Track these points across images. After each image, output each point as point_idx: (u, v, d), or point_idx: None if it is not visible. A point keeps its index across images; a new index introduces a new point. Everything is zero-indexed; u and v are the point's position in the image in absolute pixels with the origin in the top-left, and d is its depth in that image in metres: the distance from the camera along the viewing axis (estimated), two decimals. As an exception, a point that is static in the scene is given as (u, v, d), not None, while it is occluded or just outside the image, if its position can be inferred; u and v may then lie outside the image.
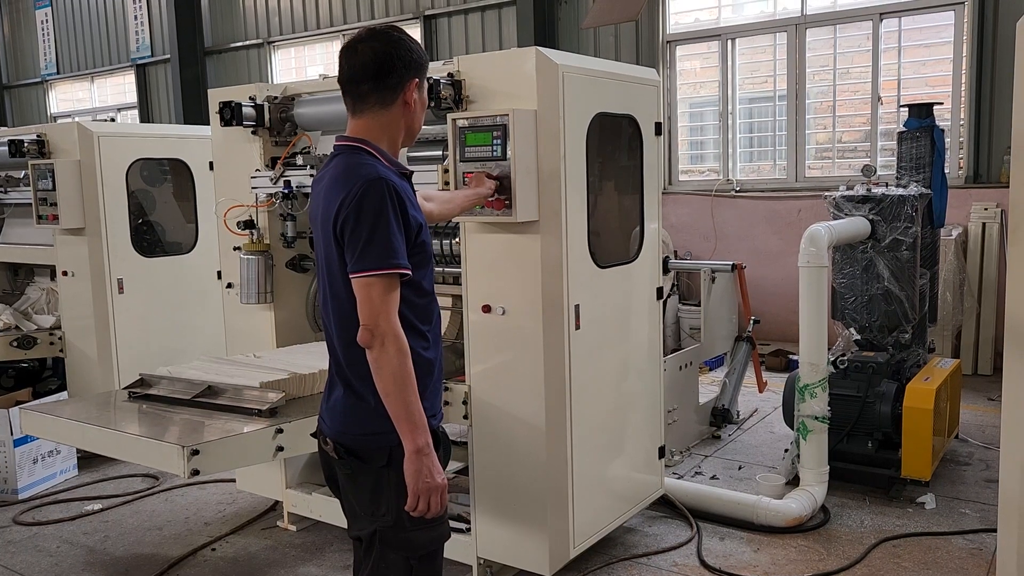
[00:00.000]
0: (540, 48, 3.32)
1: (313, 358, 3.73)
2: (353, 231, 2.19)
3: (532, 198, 3.31)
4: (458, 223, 3.51)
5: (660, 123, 4.04)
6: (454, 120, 3.33)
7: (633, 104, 3.88)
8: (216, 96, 4.24)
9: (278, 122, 4.18)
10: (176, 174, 6.02)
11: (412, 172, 2.46)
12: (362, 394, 2.32)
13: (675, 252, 8.35)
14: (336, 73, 2.40)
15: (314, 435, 2.53)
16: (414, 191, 2.44)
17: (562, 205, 3.37)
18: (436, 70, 3.48)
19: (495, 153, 3.24)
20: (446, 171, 3.42)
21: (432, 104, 3.38)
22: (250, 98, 4.12)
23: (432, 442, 2.25)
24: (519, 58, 3.35)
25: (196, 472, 2.79)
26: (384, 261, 2.17)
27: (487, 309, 3.46)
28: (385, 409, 2.22)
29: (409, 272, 2.23)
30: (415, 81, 2.35)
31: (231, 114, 4.03)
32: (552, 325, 3.41)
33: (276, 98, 4.17)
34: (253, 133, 4.20)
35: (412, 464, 2.21)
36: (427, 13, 10.37)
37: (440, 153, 3.72)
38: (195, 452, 2.77)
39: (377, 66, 2.30)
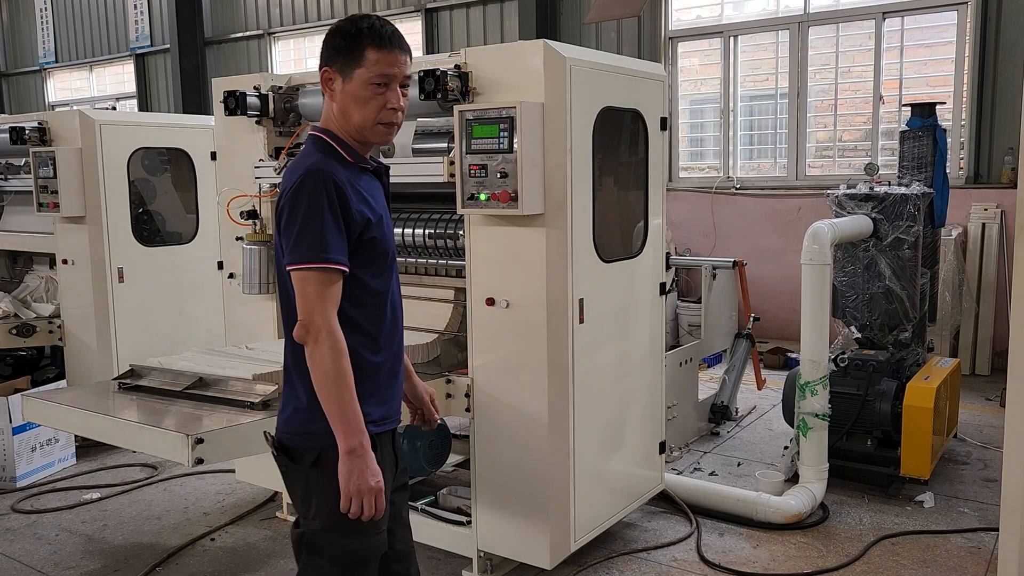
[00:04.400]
0: (548, 41, 3.32)
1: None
2: (287, 222, 2.15)
3: (538, 191, 3.31)
4: (462, 215, 3.50)
5: (666, 118, 4.04)
6: (461, 112, 3.32)
7: (639, 99, 3.88)
8: (220, 85, 4.22)
9: (282, 112, 4.17)
10: (177, 164, 6.00)
11: (378, 167, 2.39)
12: (297, 391, 2.27)
13: (674, 249, 8.35)
14: None
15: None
16: (386, 184, 2.40)
17: (567, 199, 3.36)
18: (442, 62, 3.47)
19: (501, 146, 3.23)
20: (452, 163, 3.41)
21: (439, 96, 3.38)
22: (254, 88, 4.10)
23: (370, 444, 2.16)
24: (527, 51, 3.34)
25: (200, 461, 2.77)
26: (315, 255, 2.11)
27: (491, 302, 3.46)
28: (318, 408, 2.16)
29: (344, 268, 2.15)
30: (327, 70, 2.27)
31: (235, 103, 4.02)
32: (556, 319, 3.41)
33: (280, 88, 4.16)
34: (257, 123, 4.19)
35: (345, 465, 2.14)
36: (429, 6, 10.35)
37: (446, 145, 3.71)
38: (199, 441, 2.76)
39: (322, 55, 2.31)
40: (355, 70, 2.23)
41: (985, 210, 7.15)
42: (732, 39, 8.45)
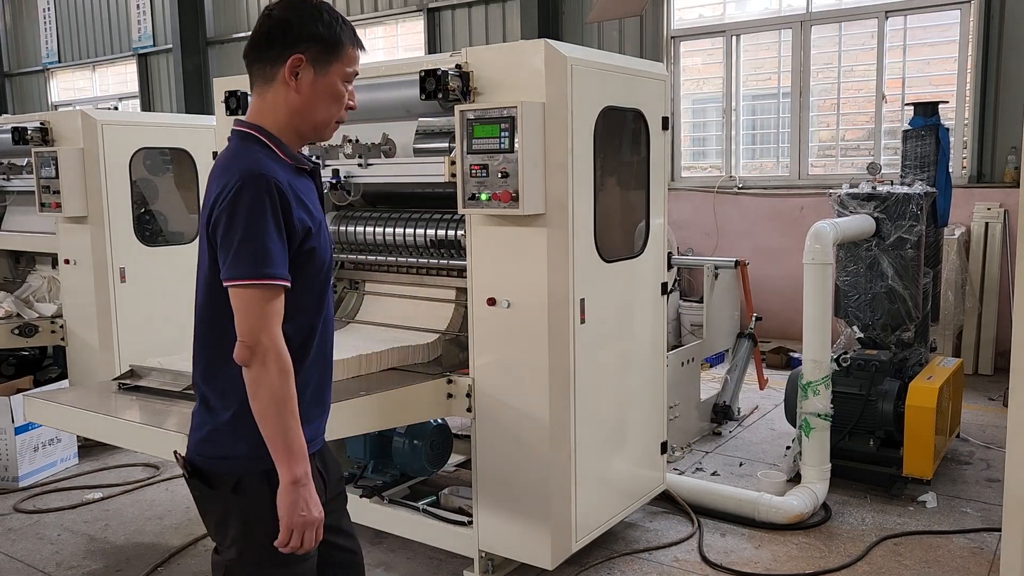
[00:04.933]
0: (549, 40, 3.31)
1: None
2: (225, 233, 1.91)
3: (539, 191, 3.30)
4: (464, 215, 3.50)
5: (667, 118, 4.04)
6: (462, 112, 3.31)
7: (640, 98, 3.87)
8: (222, 85, 4.22)
9: (283, 112, 4.16)
10: (179, 163, 6.00)
11: (316, 165, 2.18)
12: (216, 412, 2.06)
13: (677, 248, 8.34)
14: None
15: None
16: (319, 186, 2.18)
17: (568, 199, 3.36)
18: (443, 61, 3.47)
19: (502, 146, 3.23)
20: (453, 163, 3.41)
21: (440, 96, 3.37)
22: (256, 88, 4.10)
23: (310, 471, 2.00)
24: (528, 50, 3.34)
25: (200, 461, 2.77)
26: (258, 270, 1.90)
27: (492, 302, 3.45)
28: (239, 431, 2.00)
29: (288, 284, 1.95)
30: (298, 57, 2.01)
31: (237, 103, 4.01)
32: (557, 319, 3.40)
33: (282, 88, 4.15)
34: (258, 123, 4.18)
35: (288, 496, 1.95)
36: (430, 6, 10.34)
37: (447, 145, 3.71)
38: (199, 441, 2.76)
39: (263, 34, 2.04)
40: (333, 64, 2.05)
41: (988, 209, 7.14)
42: (734, 38, 8.44)
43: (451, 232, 3.79)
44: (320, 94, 2.05)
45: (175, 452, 2.17)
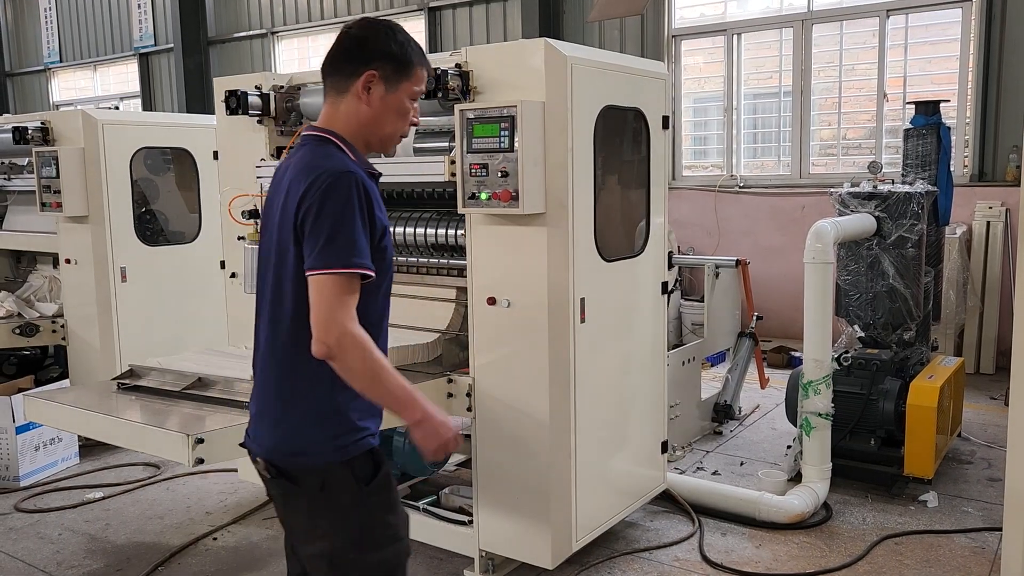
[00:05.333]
0: (549, 40, 3.31)
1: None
2: (314, 225, 2.01)
3: (539, 190, 3.30)
4: (464, 214, 3.49)
5: (667, 117, 4.03)
6: (462, 111, 3.31)
7: (641, 97, 3.87)
8: (222, 85, 4.22)
9: (284, 111, 4.17)
10: (180, 163, 6.01)
11: (380, 175, 2.30)
12: (297, 408, 2.14)
13: (678, 247, 8.34)
14: None
15: (243, 445, 2.34)
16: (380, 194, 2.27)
17: (569, 198, 3.35)
18: (443, 61, 3.47)
19: (502, 145, 3.22)
20: (452, 162, 3.41)
21: (439, 95, 3.37)
22: (256, 87, 4.10)
23: (426, 403, 2.09)
24: (528, 49, 3.34)
25: (201, 461, 2.77)
26: (347, 259, 1.99)
27: (492, 301, 3.45)
28: (322, 425, 2.11)
29: (373, 274, 2.05)
30: (371, 74, 2.15)
31: (237, 103, 4.02)
32: (557, 318, 3.40)
33: (282, 87, 4.16)
34: (259, 122, 4.18)
35: (417, 433, 2.08)
36: (431, 5, 10.34)
37: (447, 144, 3.71)
38: (200, 441, 2.76)
39: (342, 49, 2.19)
40: (403, 82, 2.19)
41: (990, 208, 7.13)
42: (735, 37, 8.43)
43: (451, 231, 3.79)
44: (388, 109, 2.20)
45: (253, 456, 2.22)
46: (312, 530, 2.20)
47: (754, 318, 5.99)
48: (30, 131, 5.54)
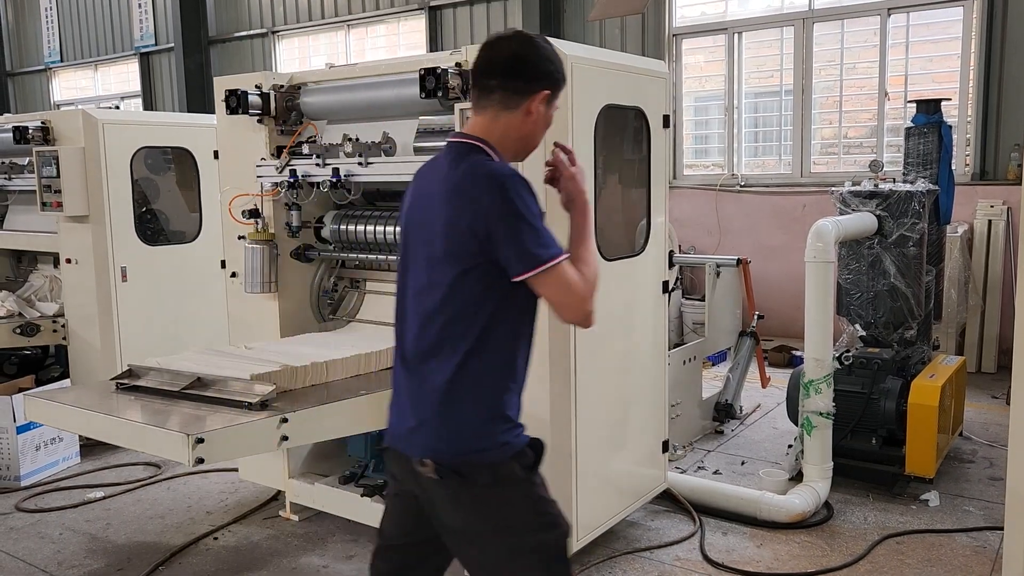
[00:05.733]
0: (549, 38, 3.29)
1: (306, 349, 3.70)
2: (511, 229, 2.09)
3: (539, 190, 3.28)
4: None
5: (668, 116, 4.02)
6: (462, 110, 3.31)
7: (641, 96, 3.86)
8: (222, 84, 4.22)
9: (284, 111, 4.17)
10: (180, 163, 6.01)
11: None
12: (468, 408, 2.21)
13: (679, 246, 8.33)
14: (344, 63, 2.36)
15: (383, 450, 2.42)
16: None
17: (569, 197, 3.34)
18: (443, 60, 3.46)
19: (503, 144, 3.21)
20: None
21: (440, 94, 3.37)
22: (256, 86, 4.10)
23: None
24: (528, 48, 3.32)
25: (201, 460, 2.77)
26: (551, 251, 2.11)
27: (493, 301, 3.44)
28: (494, 421, 2.20)
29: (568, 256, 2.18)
30: (545, 93, 2.26)
31: (237, 102, 4.01)
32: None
33: (282, 87, 4.15)
34: (259, 122, 4.18)
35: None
36: (432, 4, 10.33)
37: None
38: (200, 440, 2.75)
39: (510, 64, 2.24)
40: (556, 99, 2.32)
41: (991, 207, 7.11)
42: (736, 36, 8.42)
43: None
44: (543, 124, 2.33)
45: (419, 461, 2.23)
46: (483, 526, 2.27)
47: (755, 317, 5.98)
48: (31, 131, 5.54)
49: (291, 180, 3.98)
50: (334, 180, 3.86)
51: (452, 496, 2.26)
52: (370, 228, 4.10)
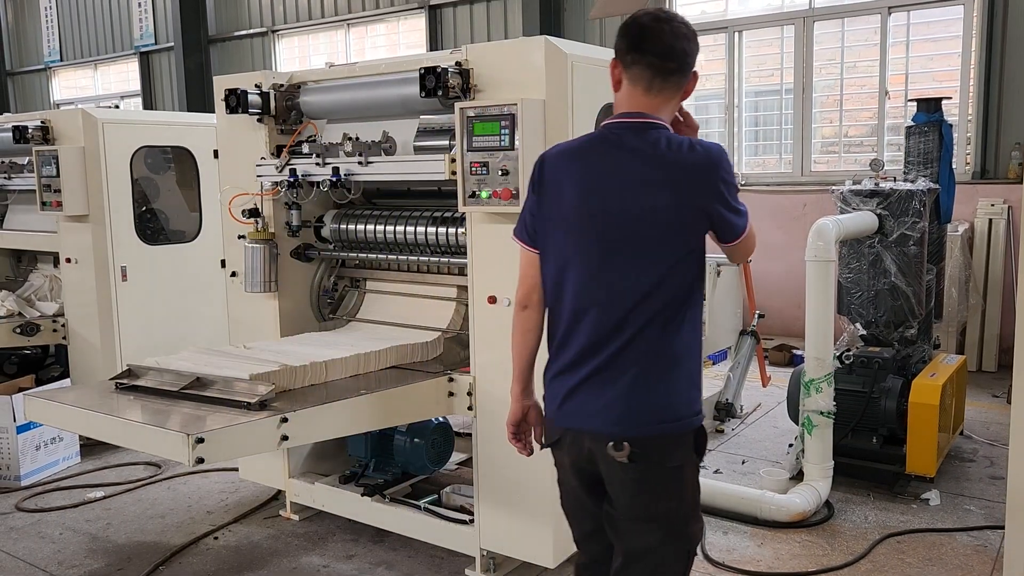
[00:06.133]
0: (549, 37, 3.30)
1: (306, 349, 3.69)
2: (729, 198, 2.34)
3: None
4: (464, 213, 3.48)
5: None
6: (462, 109, 3.30)
7: (642, 95, 3.84)
8: (222, 83, 4.21)
9: (284, 110, 4.16)
10: (180, 162, 6.00)
11: None
12: (670, 380, 2.25)
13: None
14: (344, 62, 2.35)
15: (551, 444, 2.44)
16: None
17: (570, 196, 3.33)
18: (443, 59, 3.46)
19: (503, 143, 3.21)
20: (453, 160, 3.40)
21: (439, 93, 3.36)
22: (256, 86, 4.09)
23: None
24: (528, 47, 3.32)
25: (201, 460, 2.76)
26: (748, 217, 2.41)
27: (493, 300, 3.44)
28: (695, 385, 2.30)
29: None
30: (696, 75, 2.38)
31: (237, 102, 4.01)
32: (558, 317, 3.38)
33: (282, 86, 4.15)
34: (259, 121, 4.17)
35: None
36: (432, 3, 10.32)
37: (447, 143, 3.70)
38: (200, 440, 2.75)
39: (688, 50, 2.32)
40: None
41: (992, 206, 7.11)
42: (737, 34, 8.42)
43: (452, 230, 3.78)
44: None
45: (613, 444, 2.23)
46: (656, 503, 2.29)
47: (756, 316, 5.97)
48: (30, 130, 5.54)
49: (291, 179, 3.98)
50: (334, 179, 3.85)
51: (638, 476, 2.26)
52: (370, 227, 4.10)
